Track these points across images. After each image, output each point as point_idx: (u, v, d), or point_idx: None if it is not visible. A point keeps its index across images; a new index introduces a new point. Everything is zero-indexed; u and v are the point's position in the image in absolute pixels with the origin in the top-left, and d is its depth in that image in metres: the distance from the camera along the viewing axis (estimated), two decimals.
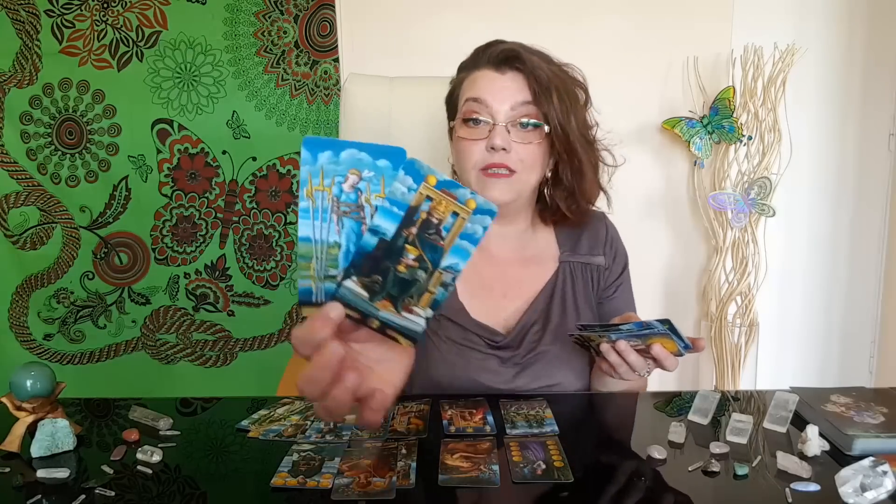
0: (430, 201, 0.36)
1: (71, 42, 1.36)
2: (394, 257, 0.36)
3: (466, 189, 0.36)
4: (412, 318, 0.38)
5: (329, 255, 0.36)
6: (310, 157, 0.35)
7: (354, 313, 0.37)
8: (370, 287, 0.37)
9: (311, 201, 0.35)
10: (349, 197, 0.36)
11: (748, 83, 1.23)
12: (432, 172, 0.35)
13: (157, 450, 0.57)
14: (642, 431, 0.62)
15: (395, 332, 0.38)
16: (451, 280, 0.37)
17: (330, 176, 0.35)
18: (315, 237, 0.36)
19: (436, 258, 0.36)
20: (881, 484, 0.47)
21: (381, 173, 0.35)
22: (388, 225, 0.36)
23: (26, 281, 1.45)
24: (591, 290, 0.79)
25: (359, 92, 0.97)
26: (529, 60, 0.68)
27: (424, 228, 0.36)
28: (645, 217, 1.34)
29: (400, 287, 0.37)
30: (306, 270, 0.36)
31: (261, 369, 1.46)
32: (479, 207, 0.36)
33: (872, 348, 1.38)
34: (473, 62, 0.73)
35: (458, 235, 0.36)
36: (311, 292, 0.37)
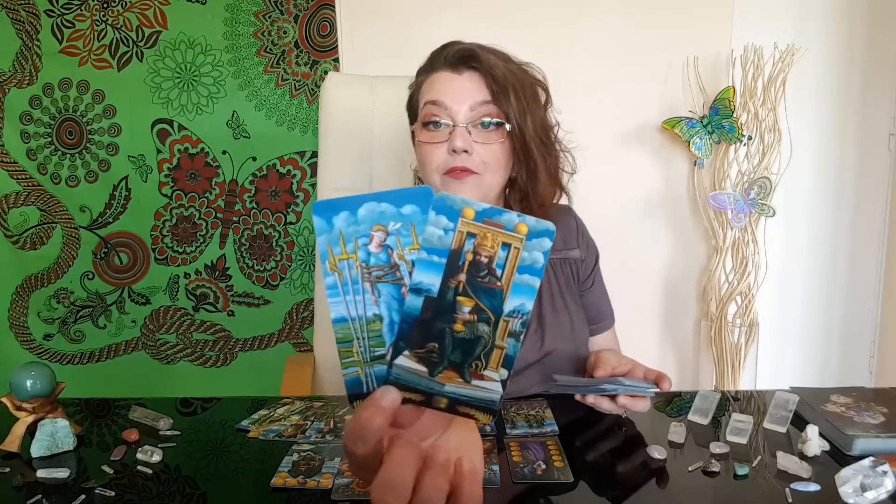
0: (473, 238, 0.30)
1: (71, 42, 1.36)
2: (446, 316, 0.31)
3: (512, 213, 0.30)
4: (485, 386, 0.31)
5: (371, 332, 0.31)
6: (324, 224, 0.30)
7: (415, 395, 0.31)
8: (427, 359, 0.31)
9: (336, 275, 0.31)
10: (379, 258, 0.31)
11: (748, 83, 1.22)
12: (467, 204, 0.30)
13: (157, 450, 0.57)
14: (642, 431, 0.62)
15: (468, 408, 0.32)
16: (521, 326, 0.31)
17: (352, 240, 0.31)
18: (351, 315, 0.31)
19: (496, 304, 0.31)
20: (881, 484, 0.47)
21: (409, 221, 0.30)
22: (430, 279, 0.30)
23: (26, 281, 1.45)
24: (573, 283, 0.79)
25: (339, 92, 0.96)
26: (486, 59, 0.67)
27: (474, 272, 0.30)
28: (645, 217, 1.34)
29: (462, 350, 0.31)
30: (349, 357, 0.31)
31: (261, 369, 1.46)
32: (532, 230, 0.30)
33: (872, 348, 1.38)
34: (430, 65, 0.71)
35: (516, 270, 0.30)
36: (361, 381, 0.31)
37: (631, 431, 0.62)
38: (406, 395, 0.31)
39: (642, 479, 0.53)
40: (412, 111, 0.75)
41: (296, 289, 1.46)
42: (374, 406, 0.30)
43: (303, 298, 1.46)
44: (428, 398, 0.32)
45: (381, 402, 0.30)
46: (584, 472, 0.53)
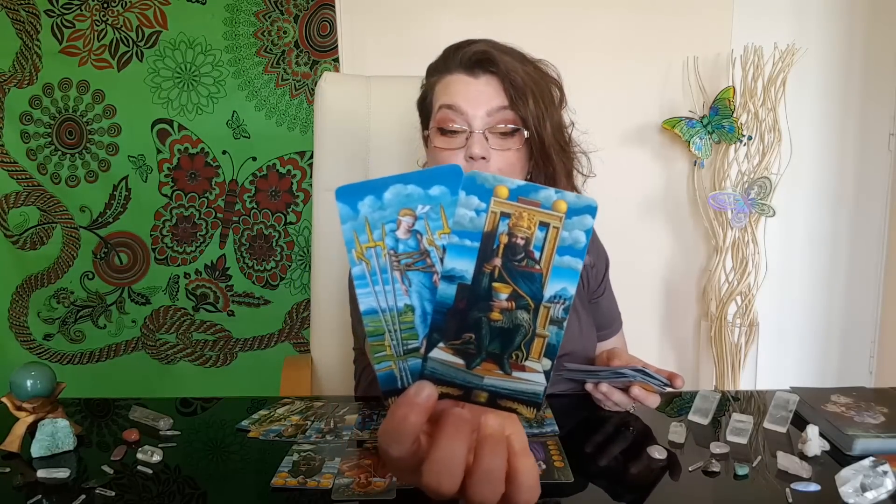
0: (507, 219, 0.28)
1: (71, 42, 1.36)
2: (482, 304, 0.28)
3: (549, 189, 0.28)
4: (527, 378, 0.29)
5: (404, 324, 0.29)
6: (348, 210, 0.28)
7: (453, 390, 0.29)
8: (463, 351, 0.29)
9: (364, 264, 0.28)
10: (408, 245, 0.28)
11: (748, 83, 1.22)
12: (501, 182, 0.28)
13: (158, 450, 0.57)
14: (643, 431, 0.62)
15: (510, 401, 0.29)
16: (564, 313, 0.29)
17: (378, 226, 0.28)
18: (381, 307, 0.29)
19: (535, 290, 0.28)
20: (881, 484, 0.47)
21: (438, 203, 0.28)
22: (463, 264, 0.28)
23: (26, 281, 1.45)
24: (582, 290, 0.78)
25: (334, 92, 0.95)
26: (503, 62, 0.65)
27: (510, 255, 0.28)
28: (645, 217, 1.34)
29: (501, 340, 0.29)
30: (382, 351, 0.29)
31: (261, 369, 1.46)
32: (571, 207, 0.28)
33: (872, 348, 1.38)
34: (444, 65, 0.69)
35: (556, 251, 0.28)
36: (395, 377, 0.29)
37: (631, 432, 0.62)
38: (443, 389, 0.29)
39: (643, 479, 0.53)
40: (424, 112, 0.73)
41: (296, 289, 1.46)
42: (410, 403, 0.27)
43: (303, 298, 1.45)
44: (466, 393, 0.29)
45: (417, 399, 0.28)
46: (584, 473, 0.53)
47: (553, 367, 0.30)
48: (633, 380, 0.60)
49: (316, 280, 1.00)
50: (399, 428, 0.27)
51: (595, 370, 0.63)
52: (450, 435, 0.27)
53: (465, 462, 0.27)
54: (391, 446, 0.28)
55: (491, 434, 0.28)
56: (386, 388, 0.30)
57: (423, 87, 0.74)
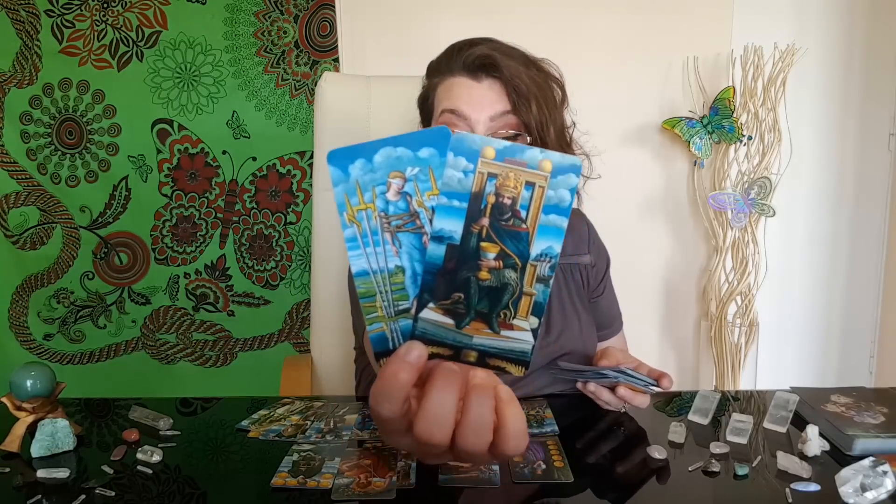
0: (494, 179, 0.28)
1: (71, 42, 1.36)
2: (471, 264, 0.29)
3: (535, 149, 0.28)
4: (516, 336, 0.30)
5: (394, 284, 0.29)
6: (339, 173, 0.29)
7: (443, 350, 0.30)
8: (453, 311, 0.29)
9: (356, 226, 0.29)
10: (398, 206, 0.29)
11: (748, 83, 1.22)
12: (488, 143, 0.28)
13: (157, 450, 0.57)
14: (642, 431, 0.62)
15: (499, 360, 0.30)
16: (550, 270, 0.29)
17: (369, 188, 0.29)
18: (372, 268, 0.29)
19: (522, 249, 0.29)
20: (881, 484, 0.47)
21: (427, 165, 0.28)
22: (452, 225, 0.28)
23: (26, 281, 1.45)
24: (582, 289, 0.78)
25: (334, 91, 0.95)
26: (507, 67, 0.65)
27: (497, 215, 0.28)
28: (645, 217, 1.34)
29: (489, 299, 0.29)
30: (373, 312, 0.30)
31: (261, 369, 1.46)
32: (556, 166, 0.28)
33: (872, 348, 1.38)
34: (447, 66, 0.68)
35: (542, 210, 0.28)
36: (386, 338, 0.30)
37: (631, 431, 0.62)
38: (433, 349, 0.29)
39: (642, 479, 0.53)
40: (425, 112, 0.73)
41: (296, 289, 1.46)
42: (400, 361, 0.28)
43: (303, 298, 1.45)
44: (456, 352, 0.30)
45: (407, 358, 0.28)
46: (584, 473, 0.53)
47: (540, 324, 0.30)
48: (616, 380, 0.60)
49: (316, 280, 1.00)
50: (390, 386, 0.28)
51: (581, 370, 0.64)
52: (440, 387, 0.28)
53: (455, 413, 0.28)
54: (382, 405, 0.28)
55: (479, 384, 0.28)
56: (378, 350, 0.30)
57: (424, 87, 0.73)
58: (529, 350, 0.30)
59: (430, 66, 0.72)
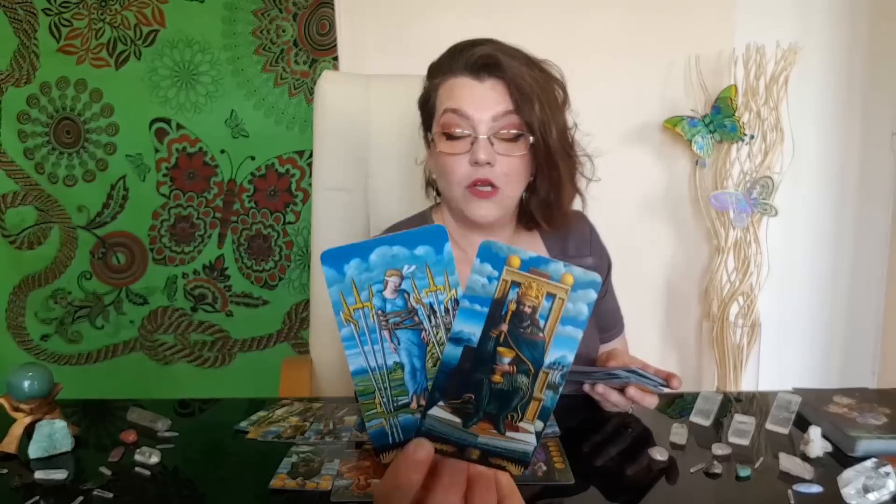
0: (517, 288, 0.30)
1: (69, 41, 1.35)
2: (486, 367, 0.30)
3: (559, 263, 0.30)
4: (520, 438, 0.31)
5: (393, 381, 0.30)
6: (334, 273, 0.29)
7: (447, 447, 0.31)
8: (462, 410, 0.30)
9: (352, 326, 0.30)
10: (395, 304, 0.30)
11: (750, 82, 1.22)
12: (514, 252, 0.29)
13: (156, 451, 0.57)
14: (644, 433, 0.62)
15: (500, 459, 0.31)
16: (561, 378, 0.31)
17: (365, 287, 0.30)
18: (370, 366, 0.30)
19: (537, 356, 0.30)
20: (884, 485, 0.47)
21: (423, 262, 0.30)
22: (471, 328, 0.30)
23: (24, 281, 1.44)
24: None
25: (334, 90, 0.95)
26: (510, 67, 0.64)
27: (517, 322, 0.30)
28: (646, 216, 1.34)
29: (499, 402, 0.30)
30: (372, 409, 0.31)
31: (259, 370, 1.46)
32: (577, 281, 0.30)
33: (875, 348, 1.38)
34: (449, 66, 0.68)
35: (559, 321, 0.30)
36: (386, 433, 0.31)
37: (632, 433, 0.61)
38: (438, 446, 0.31)
39: (644, 480, 0.52)
40: (426, 114, 0.72)
41: (294, 289, 1.45)
42: (411, 462, 0.29)
43: (301, 298, 1.45)
44: (460, 449, 0.31)
45: (416, 457, 0.29)
46: (585, 474, 0.52)
47: (545, 428, 0.32)
48: (627, 381, 0.59)
49: (315, 280, 0.99)
50: (401, 486, 0.29)
51: (590, 371, 0.63)
52: (445, 487, 0.29)
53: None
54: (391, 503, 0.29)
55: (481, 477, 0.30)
56: (378, 444, 0.31)
57: (426, 87, 0.73)
58: (531, 451, 0.31)
59: (432, 66, 0.72)
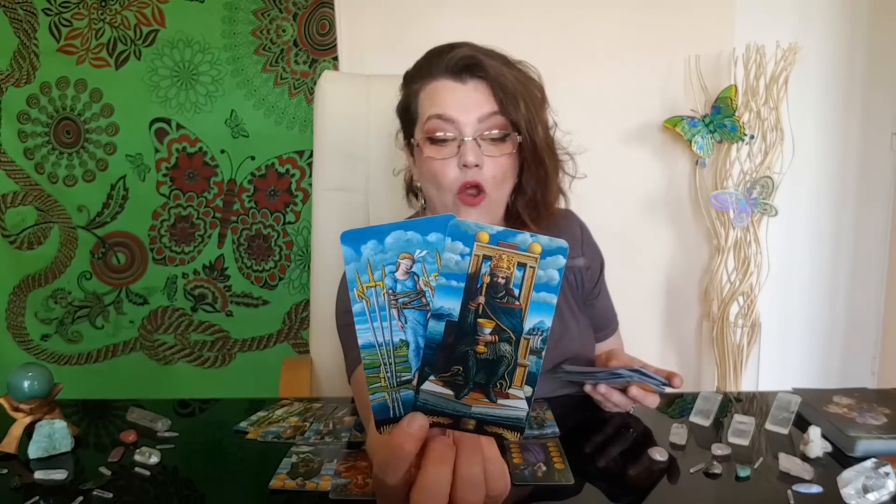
0: (489, 261, 0.32)
1: (69, 41, 1.35)
2: (469, 338, 0.32)
3: (525, 233, 0.32)
4: (511, 404, 0.33)
5: (398, 357, 0.32)
6: (352, 252, 0.32)
7: (443, 419, 0.33)
8: (453, 382, 0.32)
9: (364, 302, 0.32)
10: (405, 285, 0.32)
11: (750, 82, 1.22)
12: (482, 228, 0.32)
13: (155, 451, 0.57)
14: (644, 433, 0.62)
15: (496, 427, 0.33)
16: (541, 343, 0.32)
17: (379, 267, 0.32)
18: (378, 341, 0.32)
19: (516, 324, 0.32)
20: (883, 485, 0.47)
21: (434, 248, 0.32)
22: (451, 304, 0.32)
23: (23, 281, 1.44)
24: (577, 291, 0.77)
25: (334, 90, 0.95)
26: (491, 67, 0.64)
27: (493, 293, 0.32)
28: (646, 217, 1.34)
29: (486, 371, 0.32)
30: (377, 382, 0.32)
31: (259, 370, 1.46)
32: (545, 249, 0.32)
33: (875, 349, 1.38)
34: (428, 71, 0.67)
35: (533, 288, 0.32)
36: (388, 407, 0.33)
37: (632, 433, 0.61)
38: (434, 419, 0.32)
39: (643, 480, 0.52)
40: (408, 120, 0.71)
41: (294, 289, 1.45)
42: (404, 433, 0.31)
43: (301, 299, 1.45)
44: (456, 421, 0.33)
45: (410, 429, 0.31)
46: (584, 474, 0.52)
47: (534, 393, 0.33)
48: (631, 380, 0.59)
49: (315, 280, 0.99)
50: (396, 456, 0.30)
51: (592, 371, 0.63)
52: (435, 461, 0.31)
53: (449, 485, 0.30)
54: (388, 475, 0.31)
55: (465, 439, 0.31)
56: (380, 418, 0.33)
57: (405, 94, 0.71)
58: (524, 416, 0.33)
59: (408, 74, 0.71)
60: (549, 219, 0.72)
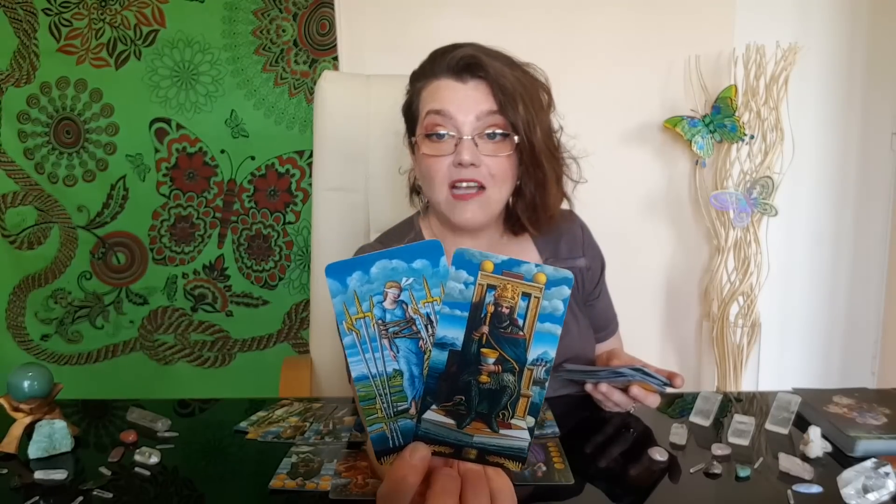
0: (493, 290, 0.31)
1: (69, 41, 1.35)
2: (472, 368, 0.32)
3: (530, 263, 0.31)
4: (514, 434, 0.32)
5: (393, 387, 0.32)
6: (338, 285, 0.31)
7: (445, 448, 0.32)
8: (455, 412, 0.32)
9: (354, 334, 0.32)
10: (395, 314, 0.32)
11: (750, 82, 1.22)
12: (486, 257, 0.31)
13: (155, 451, 0.57)
14: (644, 433, 0.62)
15: (498, 457, 0.33)
16: (545, 374, 0.32)
17: (366, 299, 0.32)
18: (371, 372, 0.32)
19: (519, 354, 0.32)
20: (883, 485, 0.47)
21: (420, 275, 0.32)
22: (454, 333, 0.31)
23: (24, 281, 1.44)
24: (578, 293, 0.77)
25: (334, 90, 0.94)
26: (492, 67, 0.64)
27: (497, 323, 0.31)
28: (646, 216, 1.34)
29: (489, 401, 0.32)
30: (373, 414, 0.32)
31: (259, 370, 1.46)
32: (550, 279, 0.31)
33: (875, 349, 1.38)
34: (431, 70, 0.68)
35: (537, 319, 0.31)
36: (386, 437, 0.32)
37: (632, 433, 0.61)
38: (435, 448, 0.32)
39: (643, 480, 0.52)
40: (410, 118, 0.72)
41: (294, 289, 1.45)
42: (406, 465, 0.31)
43: (301, 299, 1.45)
44: (457, 450, 0.32)
45: (412, 461, 0.31)
46: (584, 474, 0.52)
47: (536, 424, 0.33)
48: (633, 379, 0.59)
49: (315, 280, 0.99)
50: (398, 489, 0.30)
51: (594, 370, 0.63)
52: (438, 493, 0.30)
53: None
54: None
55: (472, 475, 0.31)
56: (379, 449, 0.33)
57: (409, 93, 0.72)
58: (526, 447, 0.33)
59: (414, 73, 0.72)
60: (549, 223, 0.72)
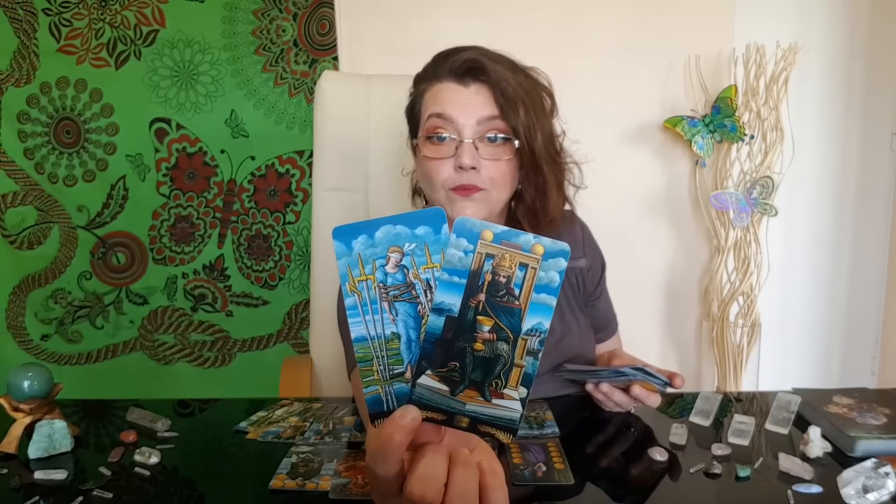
0: (491, 259, 0.32)
1: (69, 41, 1.35)
2: (467, 335, 0.32)
3: (529, 234, 0.32)
4: (505, 405, 0.32)
5: (390, 350, 0.32)
6: (343, 247, 0.32)
7: (437, 415, 0.32)
8: (449, 378, 0.32)
9: (356, 296, 0.32)
10: (396, 278, 0.32)
11: (750, 82, 1.22)
12: (487, 226, 0.32)
13: (155, 451, 0.57)
14: (644, 433, 0.62)
15: (489, 427, 0.33)
16: (539, 344, 0.32)
17: (370, 261, 0.32)
18: (370, 334, 0.32)
19: (514, 323, 0.32)
20: (883, 485, 0.47)
21: (422, 241, 0.32)
22: (451, 299, 0.32)
23: (23, 281, 1.44)
24: (578, 292, 0.78)
25: (334, 90, 0.95)
26: (494, 71, 0.64)
27: (493, 292, 0.32)
28: (646, 217, 1.34)
29: (483, 369, 0.32)
30: (370, 375, 0.32)
31: (259, 370, 1.46)
32: (547, 251, 0.32)
33: (875, 349, 1.38)
34: (434, 73, 0.68)
35: (533, 289, 0.32)
36: (381, 400, 0.33)
37: (631, 433, 0.61)
38: (428, 414, 0.32)
39: (643, 480, 0.52)
40: (413, 121, 0.72)
41: (294, 289, 1.45)
42: (395, 424, 0.31)
43: (301, 299, 1.45)
44: (449, 417, 0.32)
45: (402, 421, 0.31)
46: (584, 474, 0.52)
47: (528, 394, 0.33)
48: (634, 379, 0.60)
49: (315, 280, 0.99)
50: (385, 446, 0.30)
51: (595, 370, 0.63)
52: (431, 452, 0.31)
53: (444, 478, 0.30)
54: (378, 465, 0.31)
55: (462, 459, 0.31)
56: (374, 411, 0.33)
57: (412, 95, 0.72)
58: (518, 418, 0.33)
59: (418, 75, 0.72)
60: (549, 227, 0.72)
